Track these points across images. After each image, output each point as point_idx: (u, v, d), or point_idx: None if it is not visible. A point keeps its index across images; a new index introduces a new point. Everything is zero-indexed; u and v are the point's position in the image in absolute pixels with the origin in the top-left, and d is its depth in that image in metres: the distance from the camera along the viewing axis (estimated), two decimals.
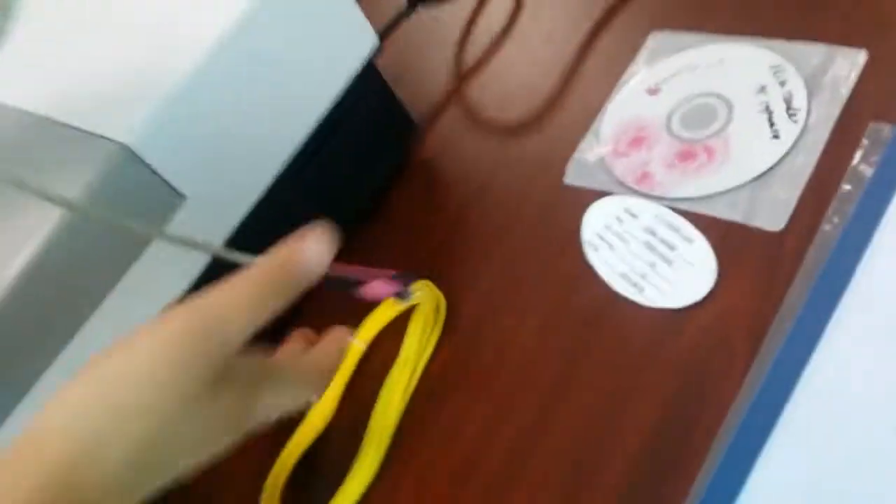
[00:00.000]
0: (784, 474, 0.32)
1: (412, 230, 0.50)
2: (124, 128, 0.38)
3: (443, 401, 0.42)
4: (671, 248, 0.41)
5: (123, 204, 0.38)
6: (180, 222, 0.41)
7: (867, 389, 0.33)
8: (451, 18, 0.62)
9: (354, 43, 0.47)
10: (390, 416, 0.42)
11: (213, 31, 0.41)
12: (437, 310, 0.45)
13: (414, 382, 0.43)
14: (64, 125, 0.40)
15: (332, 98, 0.46)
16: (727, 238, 0.40)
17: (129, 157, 0.38)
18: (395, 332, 0.46)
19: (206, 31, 0.41)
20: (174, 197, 0.40)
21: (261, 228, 0.45)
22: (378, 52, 0.48)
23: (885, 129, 0.39)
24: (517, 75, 0.56)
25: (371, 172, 0.52)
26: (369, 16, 0.47)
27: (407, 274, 0.34)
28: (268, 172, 0.45)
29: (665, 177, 0.43)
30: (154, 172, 0.39)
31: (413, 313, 0.45)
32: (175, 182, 0.40)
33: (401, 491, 0.40)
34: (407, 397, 0.43)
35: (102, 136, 0.38)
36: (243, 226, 0.44)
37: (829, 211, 0.38)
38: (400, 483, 0.41)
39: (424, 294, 0.45)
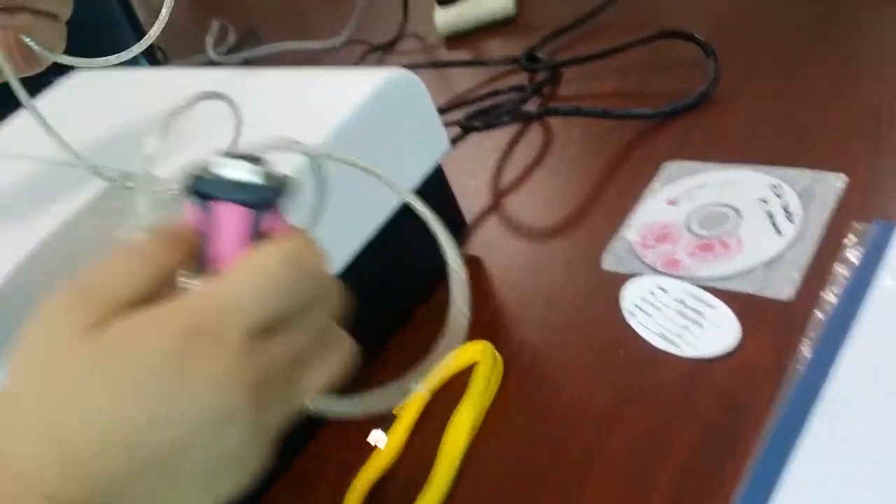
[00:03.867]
0: (812, 479, 0.39)
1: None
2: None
3: (506, 434, 0.48)
4: (699, 313, 0.49)
5: None
6: None
7: (867, 411, 0.41)
8: (492, 145, 0.73)
9: (433, 143, 0.58)
10: (457, 449, 0.48)
11: (337, 114, 0.51)
12: (494, 364, 0.52)
13: (479, 422, 0.49)
14: None
15: (415, 184, 0.56)
16: (746, 306, 0.49)
17: None
18: (456, 385, 0.52)
19: (333, 113, 0.51)
20: None
21: (350, 287, 0.53)
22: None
23: (866, 227, 0.49)
24: (549, 193, 0.66)
25: (432, 256, 0.60)
26: None
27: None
28: (360, 237, 0.53)
29: (689, 262, 0.53)
30: None
31: (474, 368, 0.52)
32: None
33: None
34: (472, 435, 0.49)
35: None
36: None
37: (827, 285, 0.47)
38: None
39: (483, 350, 0.52)
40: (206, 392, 0.25)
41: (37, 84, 0.93)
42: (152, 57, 1.04)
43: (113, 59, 0.64)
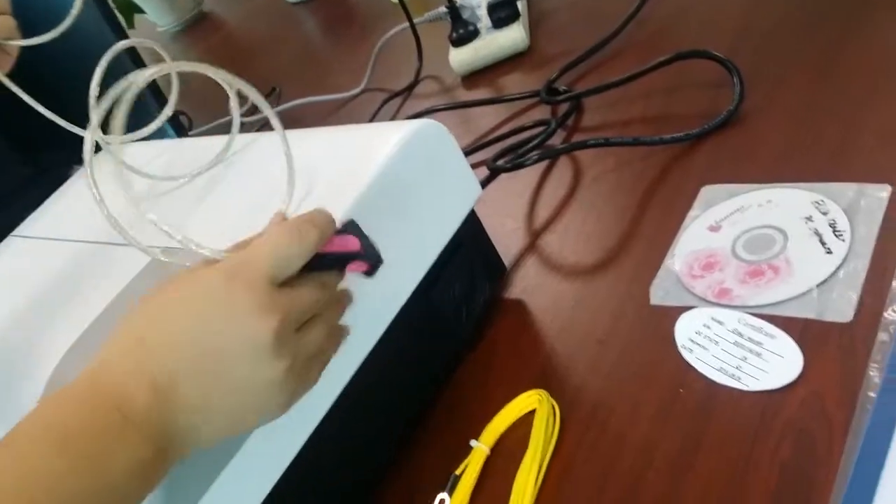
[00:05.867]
0: None
1: (517, 354, 0.57)
2: None
3: (572, 489, 0.47)
4: (758, 343, 0.48)
5: None
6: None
7: None
8: (523, 183, 0.73)
9: (465, 191, 0.57)
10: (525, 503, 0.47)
11: (363, 178, 0.50)
12: (552, 413, 0.51)
13: (542, 475, 0.48)
14: None
15: (450, 234, 0.55)
16: (805, 331, 0.47)
17: None
18: (513, 437, 0.52)
19: (358, 177, 0.51)
20: None
21: (398, 341, 0.53)
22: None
23: None
24: (587, 228, 0.65)
25: (473, 303, 0.60)
26: None
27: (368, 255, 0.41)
28: (402, 295, 0.53)
29: (741, 290, 0.52)
30: None
31: (534, 418, 0.51)
32: None
33: None
34: (537, 489, 0.48)
35: None
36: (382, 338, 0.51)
37: (888, 302, 0.46)
38: None
39: (540, 400, 0.51)
40: (242, 316, 0.35)
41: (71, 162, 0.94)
42: (178, 125, 1.05)
43: (135, 135, 0.65)
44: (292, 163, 0.50)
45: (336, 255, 0.41)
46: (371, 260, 0.42)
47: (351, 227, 0.42)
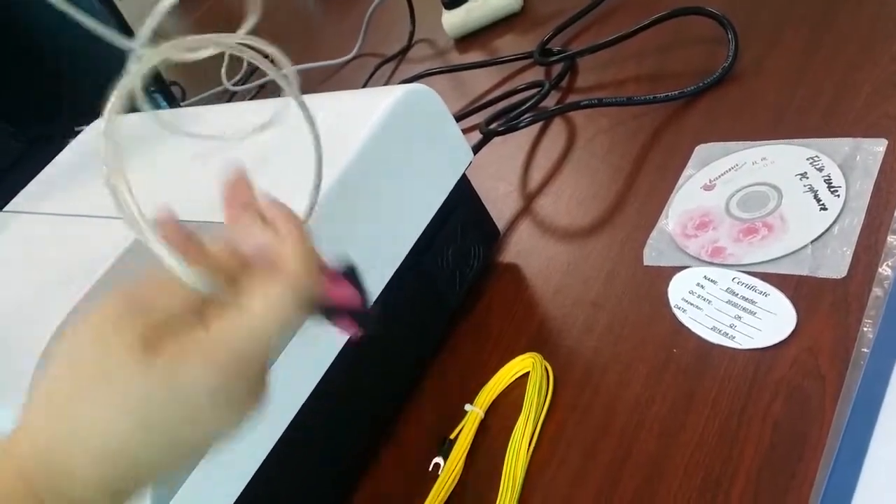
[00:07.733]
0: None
1: (511, 317, 0.57)
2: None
3: (565, 450, 0.47)
4: (752, 302, 0.48)
5: None
6: None
7: None
8: (517, 146, 0.72)
9: (456, 156, 0.57)
10: (519, 465, 0.47)
11: (352, 144, 0.50)
12: (546, 376, 0.51)
13: (536, 437, 0.48)
14: None
15: (441, 200, 0.55)
16: (799, 288, 0.47)
17: None
18: (507, 401, 0.52)
19: (347, 143, 0.50)
20: None
21: (391, 308, 0.52)
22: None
23: None
24: (581, 190, 0.65)
25: (466, 268, 0.59)
26: None
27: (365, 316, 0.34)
28: (393, 262, 0.52)
29: (734, 249, 0.51)
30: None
31: (527, 380, 0.51)
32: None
33: None
34: (531, 452, 0.48)
35: None
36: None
37: (882, 257, 0.46)
38: None
39: (533, 363, 0.51)
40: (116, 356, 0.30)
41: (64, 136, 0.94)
42: (170, 96, 1.04)
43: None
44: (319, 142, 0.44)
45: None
46: (364, 323, 0.34)
47: (349, 273, 0.35)
